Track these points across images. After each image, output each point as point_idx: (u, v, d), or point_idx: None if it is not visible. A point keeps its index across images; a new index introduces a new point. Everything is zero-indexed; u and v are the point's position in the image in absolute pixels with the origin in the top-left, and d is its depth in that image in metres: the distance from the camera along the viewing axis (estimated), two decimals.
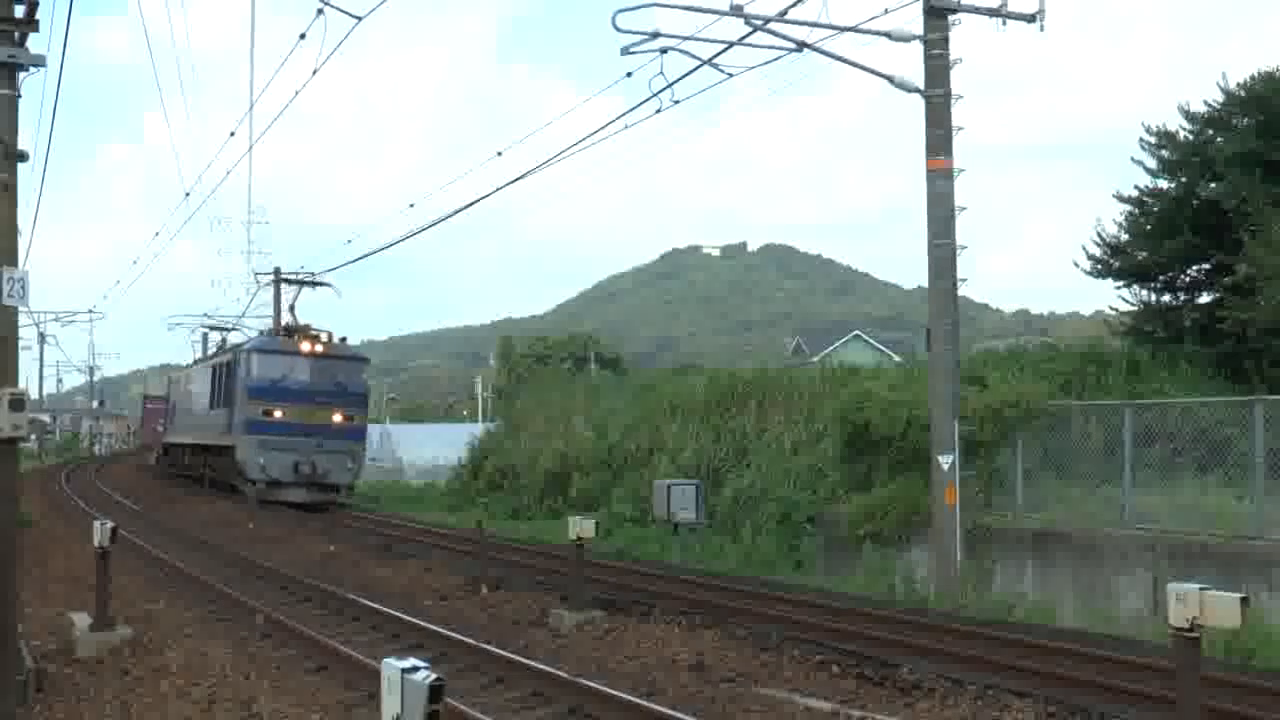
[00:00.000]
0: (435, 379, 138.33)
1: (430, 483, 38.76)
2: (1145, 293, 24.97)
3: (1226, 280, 21.39)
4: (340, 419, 30.44)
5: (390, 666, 4.17)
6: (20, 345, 11.25)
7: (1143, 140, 24.22)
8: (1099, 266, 24.76)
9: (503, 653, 10.59)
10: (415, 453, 49.08)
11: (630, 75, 16.82)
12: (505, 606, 14.12)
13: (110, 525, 11.88)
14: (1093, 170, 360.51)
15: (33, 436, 55.56)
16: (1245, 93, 22.62)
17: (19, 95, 9.38)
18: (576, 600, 13.02)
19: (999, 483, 17.29)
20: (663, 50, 16.13)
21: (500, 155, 22.32)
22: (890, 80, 16.31)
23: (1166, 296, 24.71)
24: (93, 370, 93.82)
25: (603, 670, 10.38)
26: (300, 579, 15.99)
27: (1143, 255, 24.09)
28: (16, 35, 9.28)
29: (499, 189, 27.67)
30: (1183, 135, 23.65)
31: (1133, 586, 14.05)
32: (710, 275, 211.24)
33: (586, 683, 9.30)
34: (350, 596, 14.31)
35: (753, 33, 15.91)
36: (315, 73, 15.55)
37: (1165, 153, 23.83)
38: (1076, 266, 24.93)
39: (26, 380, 65.74)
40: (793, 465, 22.14)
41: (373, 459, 41.10)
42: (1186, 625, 6.30)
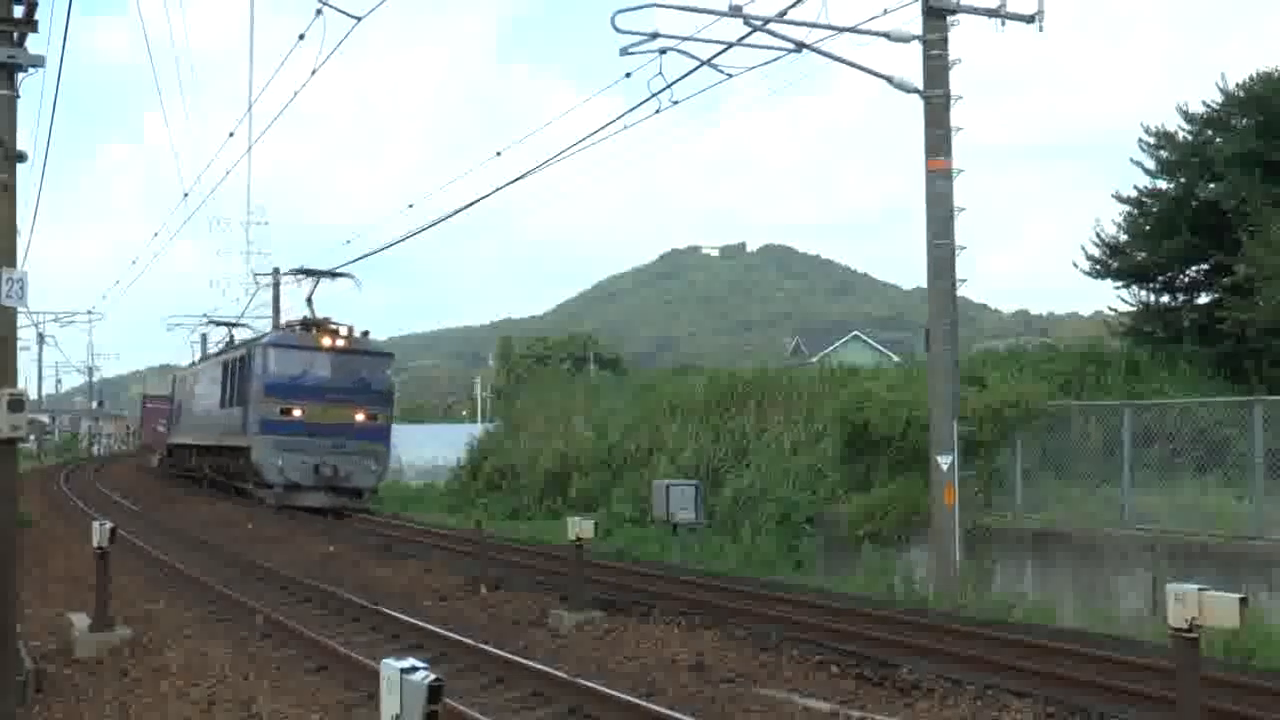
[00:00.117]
0: (434, 379, 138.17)
1: (429, 483, 38.73)
2: (1144, 293, 25.02)
3: (1226, 280, 21.41)
4: (363, 418, 28.68)
5: (389, 667, 4.17)
6: (19, 346, 11.25)
7: (1142, 141, 24.27)
8: (1098, 267, 24.79)
9: (502, 653, 10.58)
10: (414, 453, 49.00)
11: (629, 76, 16.84)
12: (505, 607, 14.12)
13: (109, 525, 11.87)
14: (1092, 171, 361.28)
15: (32, 437, 55.59)
16: (1244, 93, 22.66)
17: (18, 95, 9.38)
18: (576, 600, 13.02)
19: (998, 483, 17.30)
20: (662, 51, 16.15)
21: (500, 155, 22.39)
22: (889, 81, 16.32)
23: (1166, 297, 24.74)
24: (92, 371, 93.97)
25: (602, 670, 10.38)
26: (300, 579, 15.98)
27: (1142, 256, 24.12)
28: (15, 35, 9.28)
29: (499, 189, 27.61)
30: (1182, 136, 23.68)
31: (1132, 586, 14.05)
32: (710, 275, 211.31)
33: (586, 683, 9.30)
34: (350, 597, 14.30)
35: (752, 33, 15.92)
36: (314, 73, 15.57)
37: (1164, 153, 23.86)
38: (1076, 267, 24.99)
39: (25, 381, 65.84)
40: (792, 465, 22.16)
41: None
42: (1186, 625, 6.30)
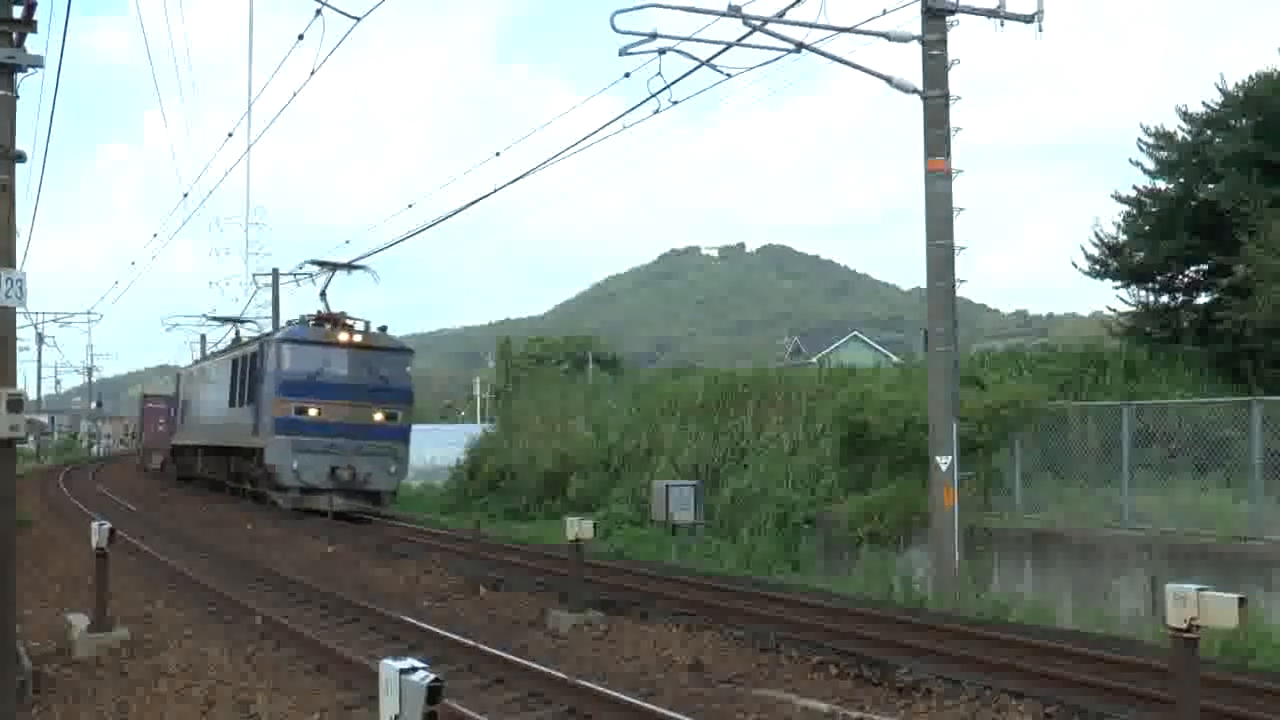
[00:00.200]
0: (433, 379, 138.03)
1: (428, 483, 38.70)
2: (1143, 293, 25.03)
3: (1224, 281, 21.41)
4: (382, 417, 27.42)
5: (388, 667, 4.16)
6: (18, 346, 11.25)
7: (1141, 141, 24.28)
8: (1097, 267, 24.79)
9: (501, 653, 10.57)
10: (413, 453, 48.90)
11: (629, 76, 16.86)
12: (503, 607, 14.12)
13: (108, 526, 11.87)
14: (1091, 171, 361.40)
15: (31, 438, 55.53)
16: (1243, 94, 22.66)
17: (17, 96, 9.38)
18: (575, 601, 13.02)
19: (997, 483, 17.31)
20: (661, 51, 16.16)
21: (499, 155, 22.41)
22: (889, 81, 16.32)
23: (1164, 297, 24.75)
24: (91, 371, 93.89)
25: (601, 671, 10.38)
26: (299, 579, 15.98)
27: (1141, 256, 24.12)
28: (14, 36, 9.27)
29: (498, 189, 27.30)
30: (1181, 136, 23.68)
31: (1131, 587, 14.06)
32: (709, 276, 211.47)
33: (585, 683, 9.29)
34: (349, 597, 14.30)
35: (751, 33, 15.92)
36: (313, 73, 15.56)
37: (1163, 153, 23.87)
38: (1075, 267, 24.99)
39: (24, 381, 65.91)
40: (791, 466, 22.17)
41: None
42: (1184, 625, 6.30)
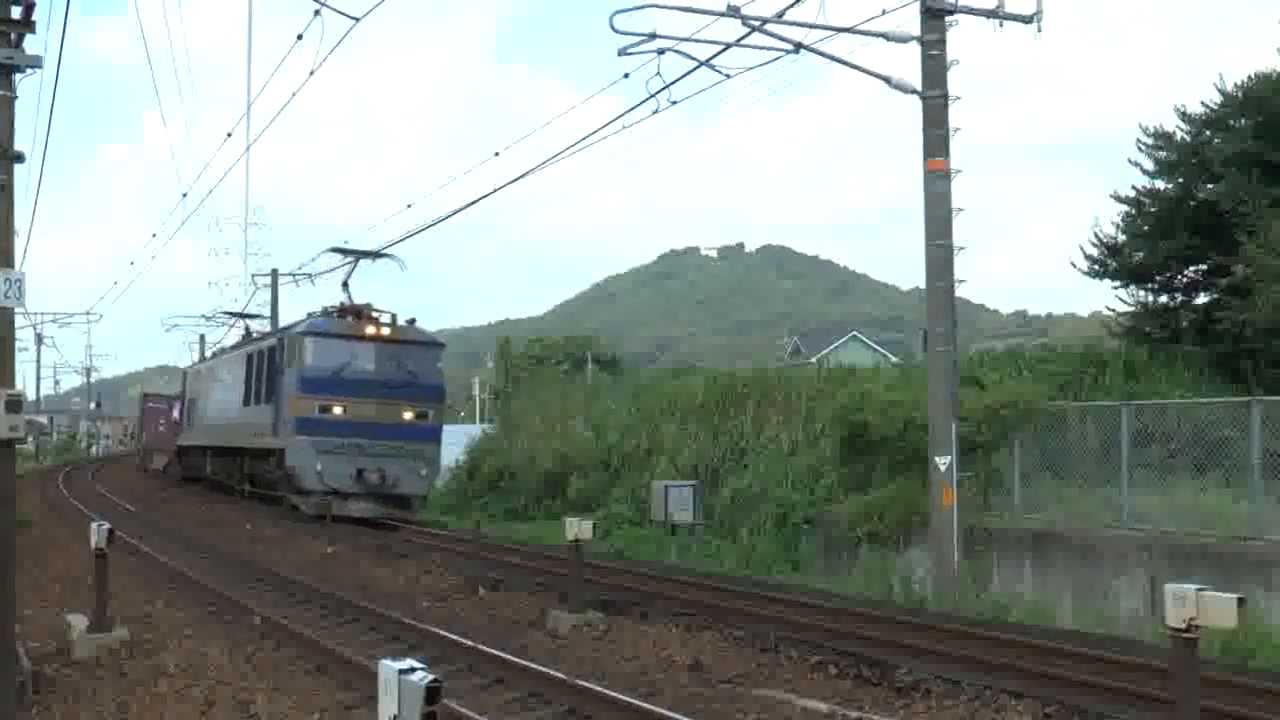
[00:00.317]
0: None
1: None
2: (1143, 293, 25.02)
3: (1224, 281, 21.41)
4: (412, 416, 25.48)
5: (387, 668, 4.15)
6: (17, 346, 11.26)
7: (1140, 141, 24.28)
8: (1096, 267, 24.79)
9: (500, 654, 10.57)
10: None
11: (628, 76, 16.88)
12: (503, 607, 14.11)
13: (107, 527, 11.86)
14: (1091, 171, 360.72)
15: (30, 438, 55.56)
16: (1242, 94, 22.66)
17: (16, 96, 9.38)
18: (574, 601, 13.01)
19: (997, 483, 17.31)
20: (660, 51, 16.17)
21: (498, 156, 22.34)
22: (888, 81, 16.32)
23: (1164, 297, 24.75)
24: (90, 371, 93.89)
25: (601, 671, 10.37)
26: (298, 580, 15.98)
27: (1140, 256, 24.12)
28: (13, 36, 9.27)
29: (497, 189, 27.35)
30: (1180, 136, 23.68)
31: (1130, 587, 14.06)
32: (708, 276, 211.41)
33: (584, 684, 9.29)
34: (348, 597, 14.30)
35: (750, 34, 15.93)
36: (312, 73, 15.59)
37: (1163, 153, 23.87)
38: (1074, 267, 24.98)
39: (23, 381, 65.90)
40: (791, 466, 22.18)
41: None
42: (1184, 625, 6.29)
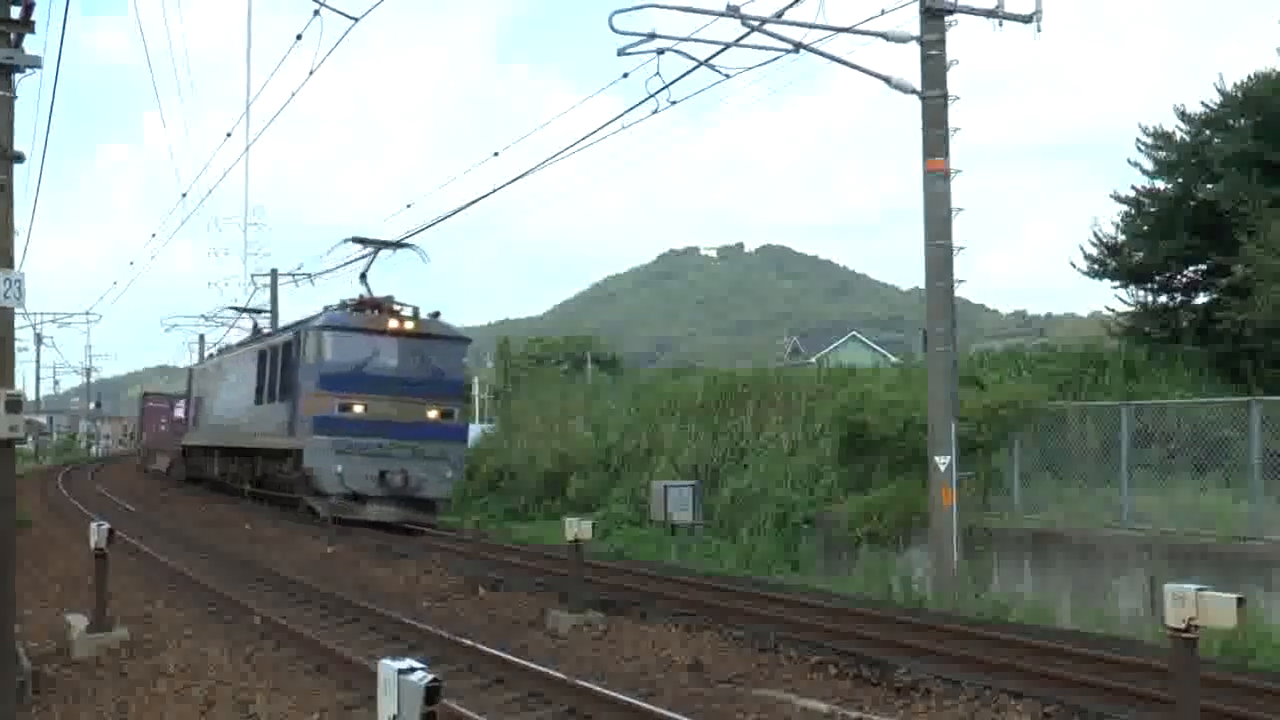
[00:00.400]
0: None
1: None
2: (1142, 293, 25.02)
3: (1223, 281, 21.41)
4: (436, 415, 24.33)
5: (387, 667, 4.15)
6: (17, 347, 11.25)
7: (1139, 141, 24.28)
8: (1096, 267, 24.80)
9: (500, 654, 10.57)
10: None
11: (627, 76, 16.88)
12: (503, 607, 14.11)
13: (107, 527, 11.86)
14: (1090, 171, 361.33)
15: (29, 438, 55.56)
16: (1242, 94, 22.67)
17: (15, 96, 9.38)
18: (574, 601, 13.01)
19: (996, 483, 17.31)
20: (660, 51, 16.18)
21: (497, 156, 22.32)
22: (887, 81, 16.33)
23: (1164, 297, 24.75)
24: (89, 372, 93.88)
25: (600, 671, 10.37)
26: (298, 580, 15.97)
27: (1140, 256, 24.13)
28: (12, 36, 9.27)
29: (497, 190, 27.32)
30: (1179, 136, 23.69)
31: (1130, 587, 14.06)
32: (708, 276, 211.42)
33: (584, 684, 9.29)
34: (348, 597, 14.29)
35: (749, 34, 15.94)
36: (312, 73, 15.59)
37: (1162, 153, 23.88)
38: (1074, 267, 24.99)
39: (23, 381, 65.91)
40: (790, 466, 22.19)
41: None
42: (1183, 625, 6.29)
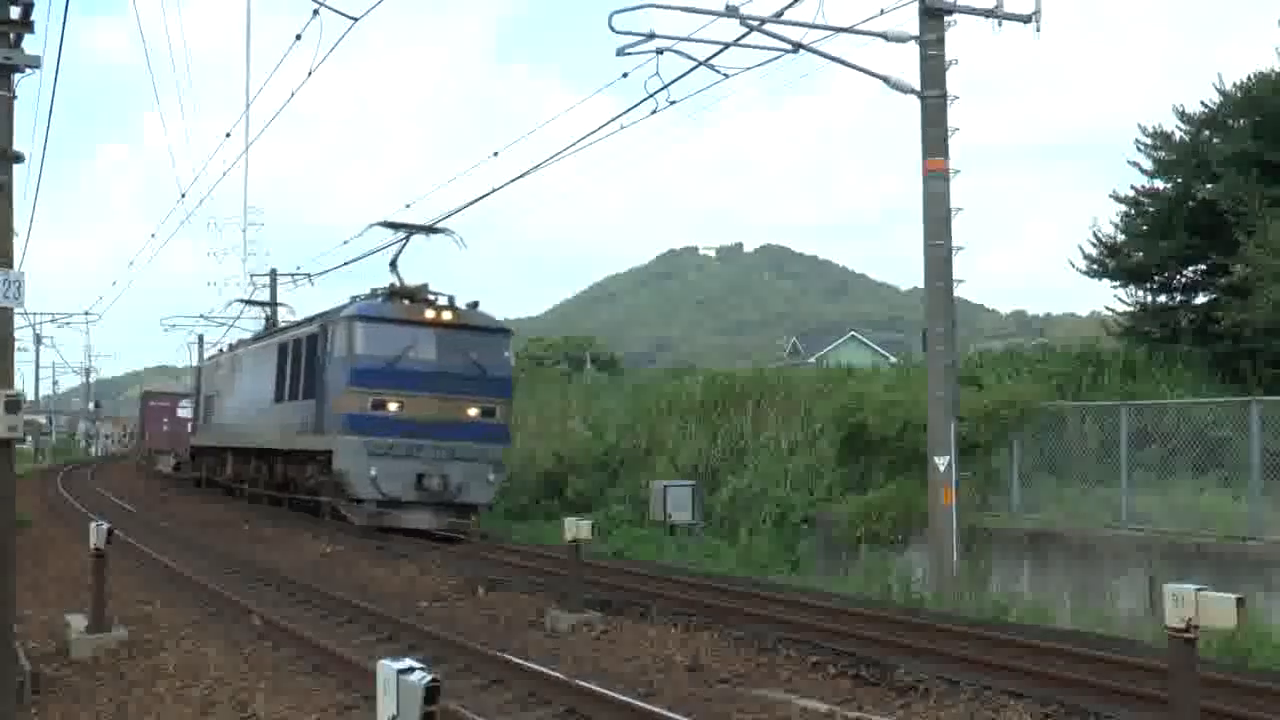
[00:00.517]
0: None
1: None
2: (1141, 293, 25.00)
3: (1223, 281, 21.41)
4: (478, 413, 22.53)
5: (386, 668, 4.15)
6: (16, 347, 11.24)
7: (1138, 141, 24.27)
8: (1095, 267, 24.78)
9: (499, 654, 10.57)
10: None
11: (626, 76, 16.87)
12: (502, 608, 14.11)
13: (106, 527, 11.85)
14: (1090, 171, 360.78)
15: (29, 438, 55.54)
16: (1241, 94, 22.65)
17: (14, 97, 9.38)
18: (573, 601, 13.01)
19: (995, 484, 17.31)
20: (659, 51, 16.18)
21: (496, 156, 22.32)
22: (886, 81, 16.33)
23: (1163, 297, 24.73)
24: (89, 372, 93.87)
25: (599, 671, 10.37)
26: (297, 580, 15.98)
27: (1139, 256, 24.12)
28: (12, 37, 9.27)
29: (495, 190, 27.43)
30: (1179, 136, 23.68)
31: (1129, 587, 14.06)
32: (707, 276, 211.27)
33: (583, 684, 9.29)
34: (347, 597, 14.29)
35: (748, 34, 15.95)
36: (311, 73, 15.59)
37: (1161, 153, 23.86)
38: (1073, 267, 24.96)
39: (22, 382, 65.90)
40: (790, 466, 22.18)
41: None
42: (1182, 626, 6.29)
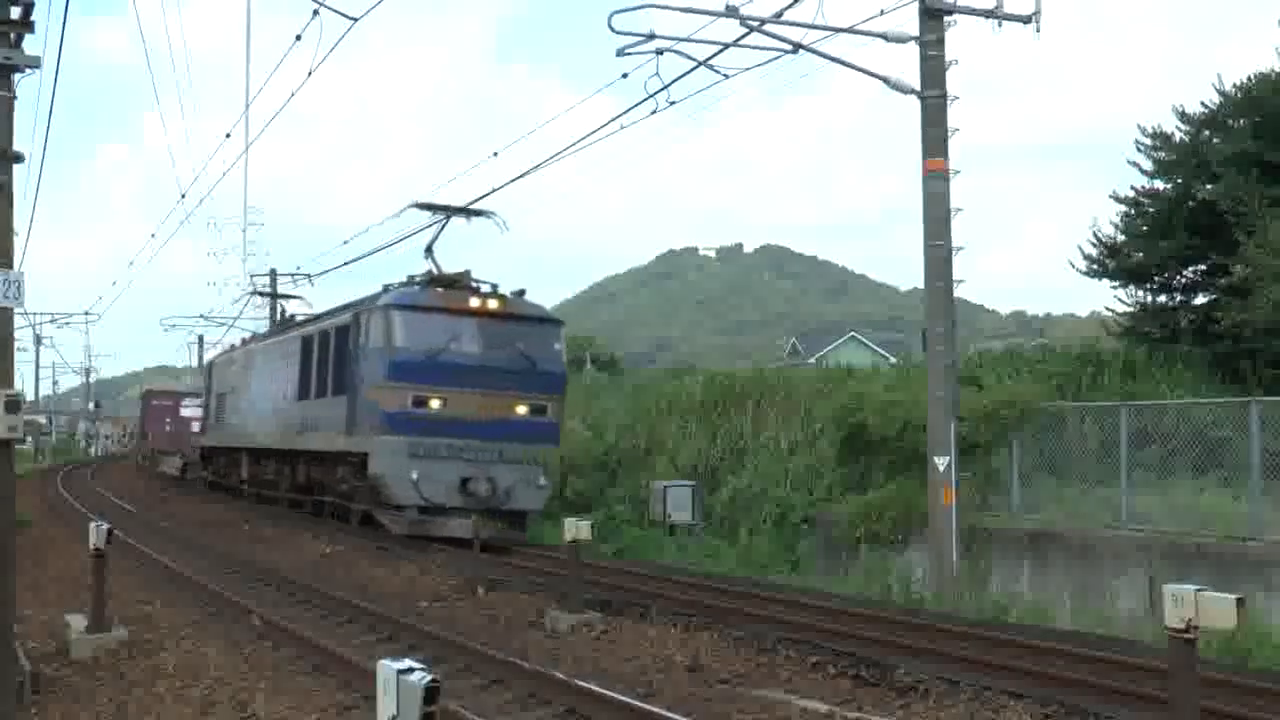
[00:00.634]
0: None
1: None
2: (1141, 293, 25.03)
3: (1222, 281, 21.43)
4: (527, 411, 20.60)
5: (386, 668, 4.15)
6: (16, 347, 11.24)
7: (1139, 141, 24.30)
8: (1095, 267, 24.80)
9: (499, 654, 10.57)
10: None
11: (626, 76, 16.87)
12: (502, 608, 14.10)
13: (106, 527, 11.85)
14: (1090, 171, 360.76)
15: (28, 438, 55.55)
16: (1241, 94, 22.68)
17: (15, 97, 9.38)
18: (573, 601, 13.01)
19: (995, 484, 17.32)
20: (659, 51, 16.19)
21: (496, 156, 22.36)
22: (886, 81, 16.34)
23: (1163, 297, 24.76)
24: (89, 372, 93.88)
25: (599, 671, 10.36)
26: (297, 580, 15.97)
27: (1139, 256, 24.14)
28: (12, 37, 9.27)
29: (495, 190, 27.52)
30: (1178, 136, 23.71)
31: (1129, 587, 14.07)
32: (707, 276, 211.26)
33: (583, 684, 9.28)
34: (347, 597, 14.29)
35: (748, 34, 15.95)
36: (310, 74, 15.58)
37: (1161, 154, 23.89)
38: (1073, 267, 25.00)
39: (22, 382, 65.92)
40: (790, 466, 22.20)
41: None
42: (1182, 626, 6.29)
